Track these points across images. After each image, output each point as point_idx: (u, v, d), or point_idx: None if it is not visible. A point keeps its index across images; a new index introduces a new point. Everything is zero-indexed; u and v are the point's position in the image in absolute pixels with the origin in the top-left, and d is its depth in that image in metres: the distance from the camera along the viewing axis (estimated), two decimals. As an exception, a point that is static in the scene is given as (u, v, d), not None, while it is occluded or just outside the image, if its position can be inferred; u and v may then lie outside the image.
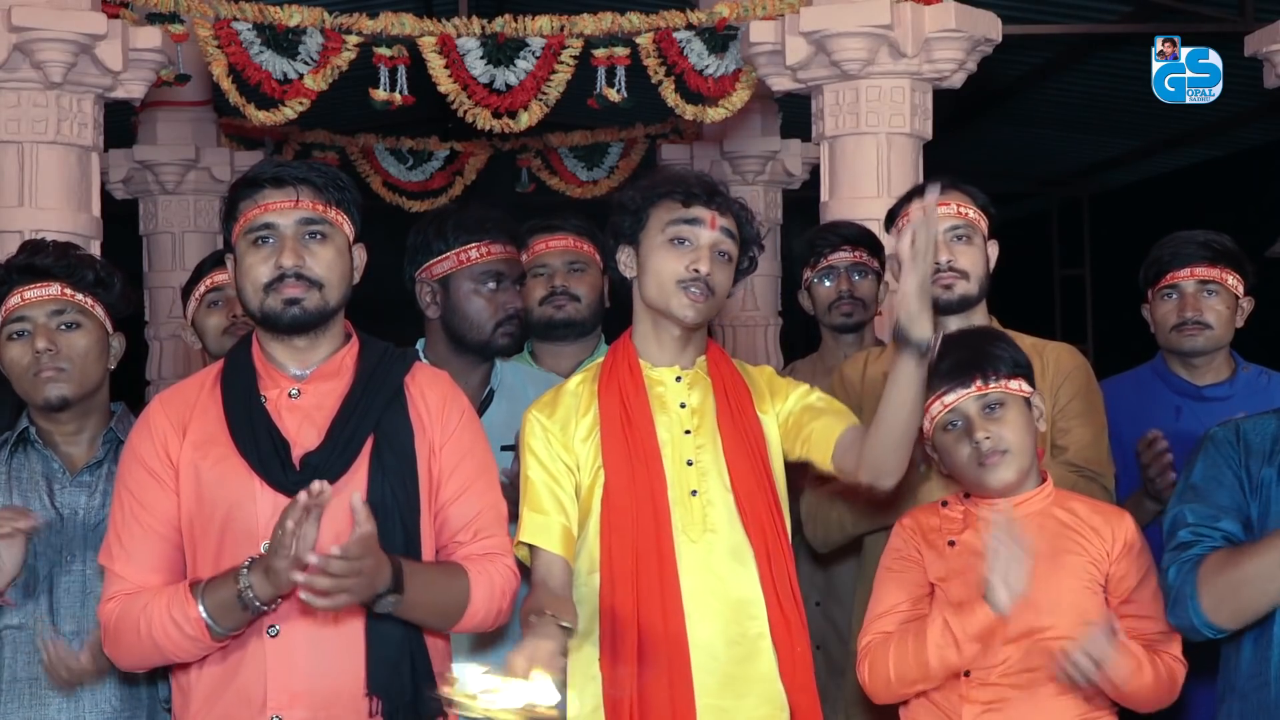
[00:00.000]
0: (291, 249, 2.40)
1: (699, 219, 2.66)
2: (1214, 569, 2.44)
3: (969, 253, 3.10)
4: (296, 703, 2.33)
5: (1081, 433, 3.06)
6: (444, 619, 2.43)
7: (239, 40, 5.24)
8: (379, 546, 2.24)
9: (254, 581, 2.25)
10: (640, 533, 2.61)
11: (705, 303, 2.66)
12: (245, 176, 2.49)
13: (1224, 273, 3.49)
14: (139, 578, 2.39)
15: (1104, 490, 3.06)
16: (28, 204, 4.60)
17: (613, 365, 2.73)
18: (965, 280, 3.09)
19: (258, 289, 2.41)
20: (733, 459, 2.67)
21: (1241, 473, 2.52)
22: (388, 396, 2.45)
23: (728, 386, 2.72)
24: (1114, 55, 8.44)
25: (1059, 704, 2.60)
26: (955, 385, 2.66)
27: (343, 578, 2.18)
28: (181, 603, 2.30)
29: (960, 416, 2.67)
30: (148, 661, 2.43)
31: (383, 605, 2.30)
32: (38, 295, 2.72)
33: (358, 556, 2.18)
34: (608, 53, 5.38)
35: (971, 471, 2.66)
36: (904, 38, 4.75)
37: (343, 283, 2.45)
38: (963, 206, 3.12)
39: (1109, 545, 2.66)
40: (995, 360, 2.68)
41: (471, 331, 3.13)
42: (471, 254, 3.13)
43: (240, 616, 2.29)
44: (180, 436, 2.42)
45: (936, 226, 2.46)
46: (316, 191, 2.43)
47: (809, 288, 3.92)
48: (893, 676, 2.63)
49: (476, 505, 2.48)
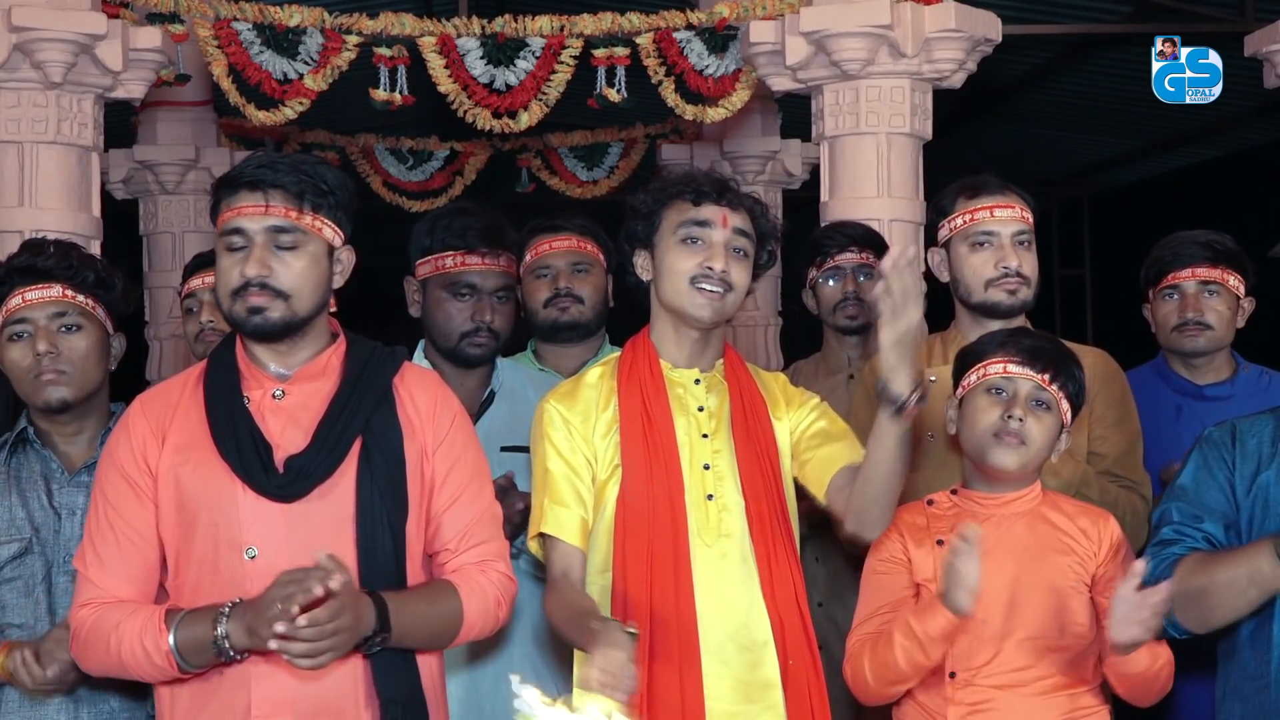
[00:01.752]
0: (258, 258, 2.34)
1: (710, 219, 2.65)
2: (1187, 572, 2.44)
3: (1030, 258, 3.12)
4: (281, 710, 2.31)
5: (1118, 442, 3.07)
6: (438, 641, 2.42)
7: (239, 40, 5.23)
8: (355, 594, 2.22)
9: (231, 630, 2.23)
10: (656, 534, 2.60)
11: (721, 300, 2.64)
12: (227, 174, 2.44)
13: (1225, 273, 3.49)
14: (111, 586, 2.36)
15: (1142, 500, 3.06)
16: (28, 204, 4.60)
17: (633, 363, 2.71)
18: (1027, 286, 3.10)
19: (226, 294, 2.38)
20: (746, 465, 2.66)
21: (1233, 475, 2.52)
22: (376, 397, 2.41)
23: (744, 392, 2.71)
24: (1114, 55, 8.43)
25: (1044, 704, 2.60)
26: (1027, 363, 2.67)
27: (317, 640, 2.16)
28: (154, 631, 2.28)
29: (1011, 390, 2.67)
30: (112, 674, 2.41)
31: (371, 646, 2.28)
32: (39, 297, 2.71)
33: (328, 620, 2.16)
34: (608, 53, 5.37)
35: (986, 442, 2.66)
36: (904, 38, 4.75)
37: (316, 291, 2.38)
38: (1025, 212, 3.12)
39: (1095, 546, 2.67)
40: (1068, 374, 2.71)
41: (440, 338, 3.12)
42: (448, 261, 3.11)
43: (211, 657, 2.27)
44: (160, 442, 2.38)
45: (910, 279, 2.36)
46: (289, 197, 2.35)
47: (814, 287, 3.92)
48: (870, 679, 2.64)
49: (470, 511, 2.46)
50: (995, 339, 2.75)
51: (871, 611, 2.70)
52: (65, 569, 2.68)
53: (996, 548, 2.59)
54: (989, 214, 3.10)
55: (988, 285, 3.10)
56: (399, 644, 2.32)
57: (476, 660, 2.95)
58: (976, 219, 3.11)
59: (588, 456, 2.65)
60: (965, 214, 3.13)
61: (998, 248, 3.09)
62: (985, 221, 3.10)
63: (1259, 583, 2.37)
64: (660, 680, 2.54)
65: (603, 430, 2.67)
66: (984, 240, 3.10)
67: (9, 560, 2.70)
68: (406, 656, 2.38)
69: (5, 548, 2.69)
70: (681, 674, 2.56)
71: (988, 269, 3.09)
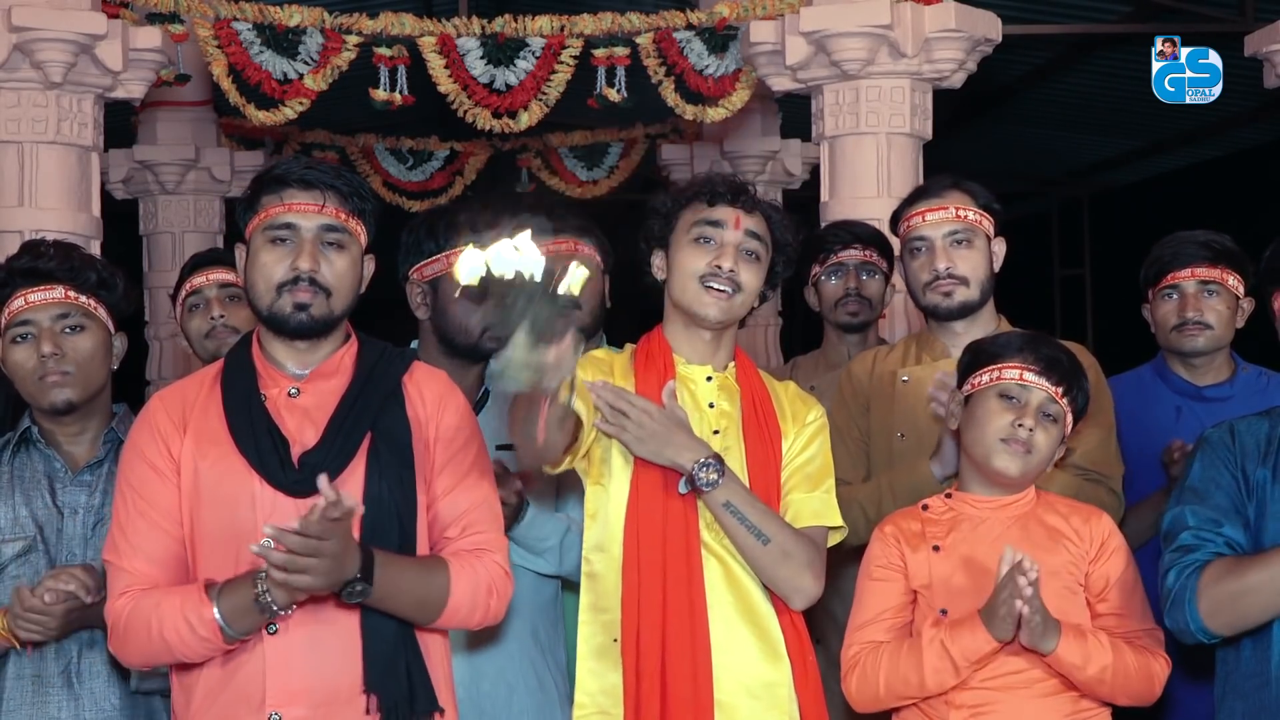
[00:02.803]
0: (310, 253, 2.40)
1: (723, 219, 2.68)
2: (1216, 577, 2.44)
3: (969, 257, 3.10)
4: (295, 700, 2.33)
5: (1090, 434, 3.06)
6: (421, 611, 2.40)
7: (239, 40, 5.24)
8: (351, 535, 2.24)
9: (271, 587, 2.26)
10: (669, 526, 2.61)
11: (728, 300, 2.66)
12: (273, 172, 2.48)
13: (1225, 273, 3.49)
14: (147, 571, 2.38)
15: (1110, 493, 3.05)
16: (28, 204, 4.60)
17: (648, 355, 2.73)
18: (965, 286, 3.09)
19: (270, 287, 2.41)
20: (754, 467, 2.67)
21: (1238, 473, 2.53)
22: (385, 395, 2.45)
23: (755, 395, 2.73)
24: (1114, 55, 8.44)
25: (1045, 705, 2.60)
26: (1043, 373, 2.67)
27: (301, 556, 2.18)
28: (196, 604, 2.29)
29: (1023, 398, 2.66)
30: (155, 660, 2.42)
31: (350, 594, 2.29)
32: (41, 298, 2.72)
33: (317, 535, 2.18)
34: (608, 53, 5.38)
35: (992, 445, 2.65)
36: (904, 38, 4.75)
37: (351, 292, 2.46)
38: (961, 209, 3.11)
39: (1088, 546, 2.67)
40: (1077, 388, 2.71)
41: (459, 335, 3.10)
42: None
43: (255, 620, 2.29)
44: (181, 433, 2.42)
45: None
46: (342, 199, 2.45)
47: (816, 284, 3.92)
48: (883, 691, 2.63)
49: (468, 500, 2.47)
50: (1014, 343, 2.73)
51: (869, 618, 2.69)
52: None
53: (992, 550, 2.60)
54: (920, 219, 3.13)
55: (925, 290, 3.12)
56: (380, 604, 2.33)
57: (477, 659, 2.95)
58: (911, 226, 3.15)
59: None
60: (904, 222, 3.18)
61: (929, 251, 3.11)
62: (918, 227, 3.13)
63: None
64: (672, 675, 2.56)
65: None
66: (918, 246, 3.14)
67: (12, 559, 2.70)
68: (410, 645, 2.39)
69: (9, 546, 2.70)
70: (694, 669, 2.57)
71: (923, 273, 3.12)
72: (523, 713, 2.96)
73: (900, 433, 3.13)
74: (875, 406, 3.20)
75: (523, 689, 2.97)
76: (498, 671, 2.95)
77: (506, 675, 2.96)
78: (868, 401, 3.21)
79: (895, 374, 3.19)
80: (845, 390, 3.25)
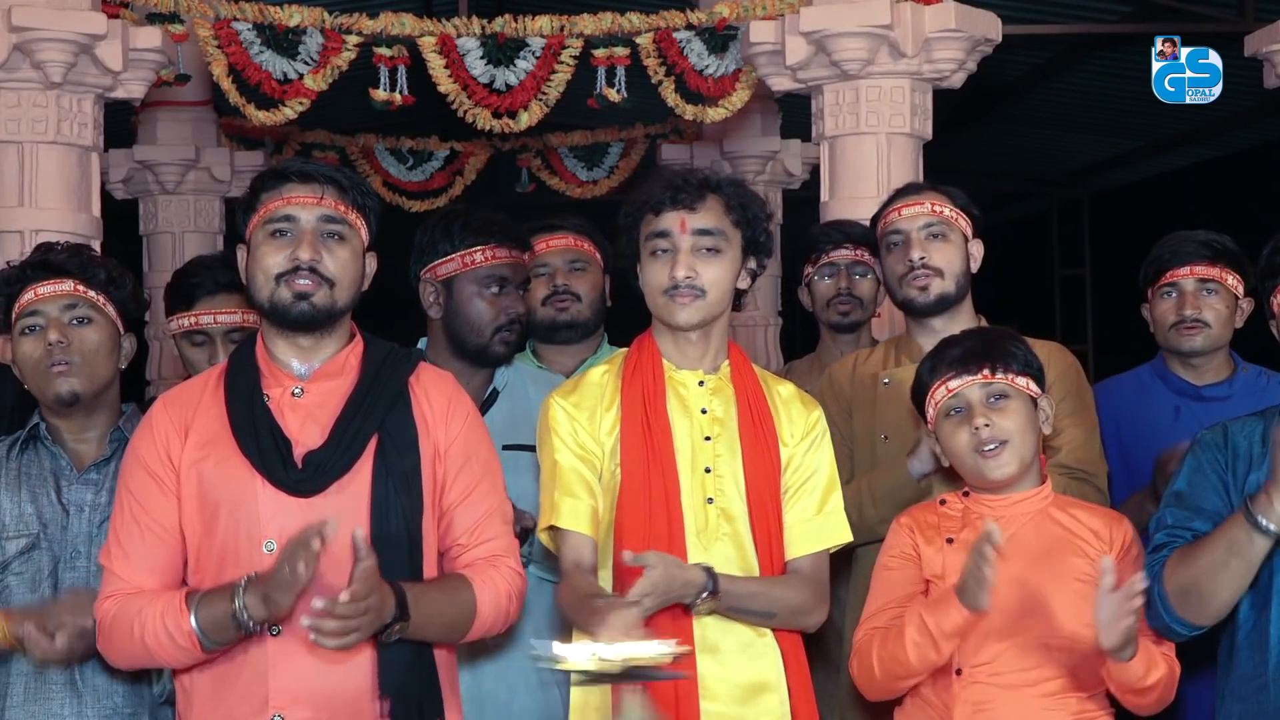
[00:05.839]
0: (309, 243, 2.42)
1: (668, 228, 2.64)
2: (1173, 565, 2.46)
3: (944, 250, 3.12)
4: (298, 702, 2.34)
5: (1074, 432, 3.07)
6: (452, 634, 2.44)
7: (239, 40, 5.24)
8: (380, 578, 2.25)
9: (249, 603, 2.27)
10: (654, 536, 2.59)
11: (694, 303, 2.63)
12: (271, 169, 2.52)
13: (1224, 272, 3.49)
14: (135, 578, 2.41)
15: (1096, 490, 3.06)
16: (28, 204, 4.60)
17: (637, 363, 2.71)
18: (940, 278, 3.11)
19: (269, 278, 2.42)
20: (750, 470, 2.65)
21: (1227, 476, 2.53)
22: (392, 396, 2.46)
23: (751, 397, 2.70)
24: (1114, 55, 8.44)
25: (1052, 704, 2.60)
26: (962, 372, 2.67)
27: (350, 619, 2.19)
28: (175, 613, 2.32)
29: (963, 403, 2.67)
30: (139, 663, 2.46)
31: (389, 635, 2.31)
32: (51, 291, 2.74)
33: (364, 596, 2.20)
34: (608, 53, 5.38)
35: (970, 460, 2.66)
36: (904, 38, 4.75)
37: (354, 285, 2.47)
38: (937, 205, 3.15)
39: (1106, 547, 2.66)
40: (1006, 355, 2.69)
41: (471, 335, 3.12)
42: (476, 257, 3.12)
43: (232, 633, 2.31)
44: (182, 438, 2.43)
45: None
46: (341, 192, 2.47)
47: (809, 283, 3.93)
48: (878, 672, 2.64)
49: (481, 508, 2.49)
50: (926, 366, 2.75)
51: (880, 606, 2.70)
52: (71, 564, 2.71)
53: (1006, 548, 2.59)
54: (897, 214, 3.17)
55: (901, 283, 3.14)
56: (416, 635, 2.35)
57: (479, 660, 2.96)
58: (887, 222, 3.19)
59: (594, 450, 2.65)
60: (881, 220, 3.21)
61: (904, 244, 3.14)
62: (894, 222, 3.17)
63: (1238, 551, 2.37)
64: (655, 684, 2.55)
65: (607, 428, 2.67)
66: (894, 241, 3.16)
67: (17, 555, 2.71)
68: (421, 650, 2.40)
69: (13, 542, 2.71)
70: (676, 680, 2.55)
71: (899, 266, 3.14)
72: (523, 713, 2.97)
73: (884, 435, 3.14)
74: (858, 410, 3.21)
75: (524, 689, 2.97)
76: (499, 671, 2.96)
77: (508, 675, 2.96)
78: (850, 405, 3.22)
79: (876, 377, 3.20)
80: (827, 395, 3.25)
